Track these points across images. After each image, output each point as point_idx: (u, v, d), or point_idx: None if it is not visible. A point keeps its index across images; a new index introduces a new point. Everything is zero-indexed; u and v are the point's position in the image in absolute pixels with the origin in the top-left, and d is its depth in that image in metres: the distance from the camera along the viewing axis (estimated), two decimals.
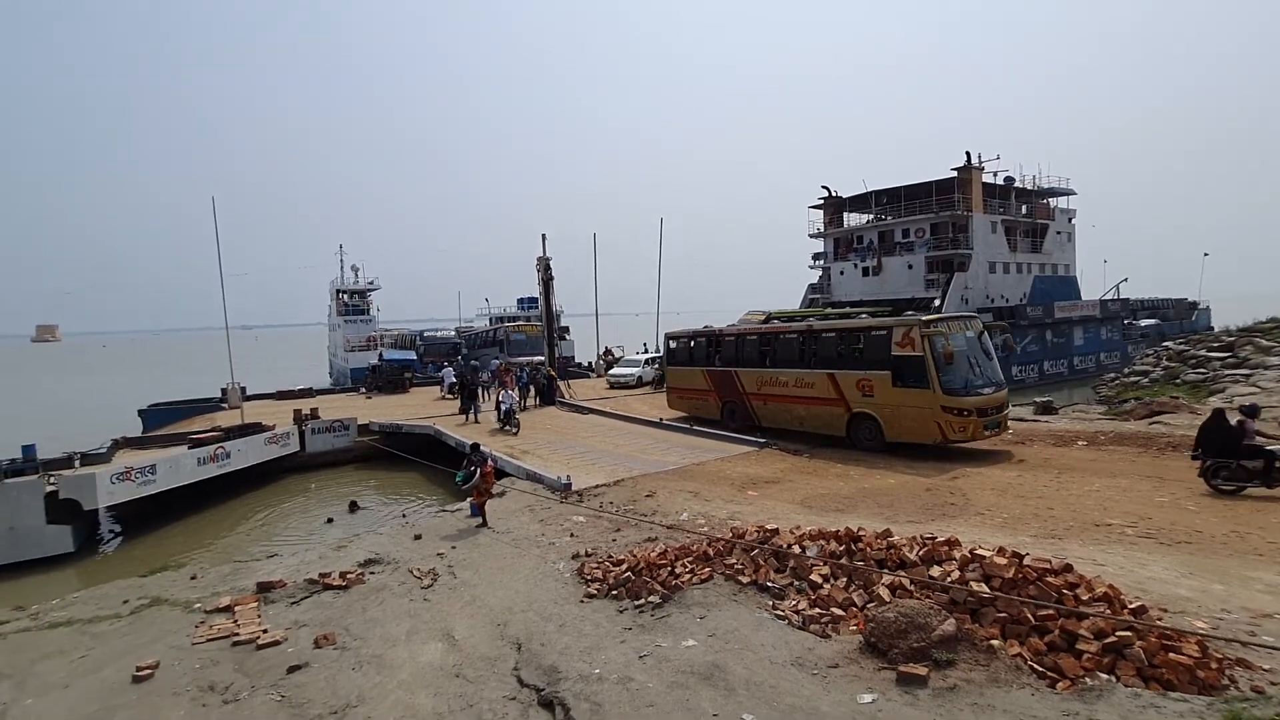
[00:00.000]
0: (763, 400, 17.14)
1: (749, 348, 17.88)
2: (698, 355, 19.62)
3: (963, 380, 13.59)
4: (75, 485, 12.71)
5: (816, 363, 15.76)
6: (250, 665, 6.32)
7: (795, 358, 16.35)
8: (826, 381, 15.37)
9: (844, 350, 15.34)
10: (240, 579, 8.84)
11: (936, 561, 6.36)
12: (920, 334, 13.50)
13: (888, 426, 14.17)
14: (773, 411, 16.95)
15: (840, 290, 41.99)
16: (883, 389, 14.17)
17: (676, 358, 20.62)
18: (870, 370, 14.49)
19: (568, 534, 9.76)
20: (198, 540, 13.48)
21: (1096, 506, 9.68)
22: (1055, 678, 4.89)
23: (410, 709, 5.38)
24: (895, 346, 13.96)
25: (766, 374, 17.06)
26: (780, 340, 17.16)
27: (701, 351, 19.49)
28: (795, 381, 16.17)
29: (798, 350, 16.38)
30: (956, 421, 13.23)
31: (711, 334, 19.48)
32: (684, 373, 20.09)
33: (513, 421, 18.88)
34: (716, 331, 19.39)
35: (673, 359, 20.81)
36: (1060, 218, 42.92)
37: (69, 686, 6.13)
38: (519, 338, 35.51)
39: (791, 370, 16.30)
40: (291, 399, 26.92)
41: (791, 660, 5.49)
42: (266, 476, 17.79)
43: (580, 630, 6.49)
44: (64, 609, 8.23)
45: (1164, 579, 6.76)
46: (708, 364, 19.04)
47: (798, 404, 16.13)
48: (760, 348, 17.55)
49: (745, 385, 17.62)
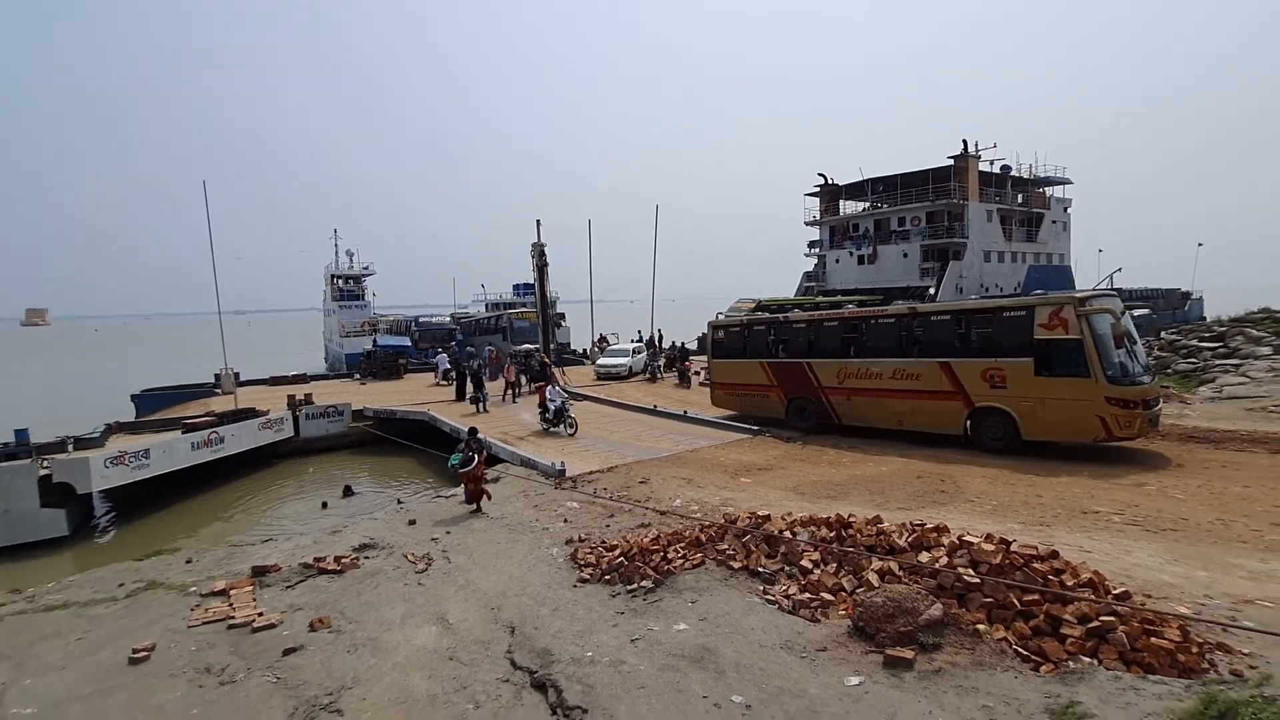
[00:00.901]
0: (845, 395, 14.92)
1: (827, 335, 15.64)
2: (754, 345, 17.20)
3: (1124, 367, 11.75)
4: (69, 469, 12.72)
5: (923, 350, 13.74)
6: (246, 648, 6.38)
7: (893, 346, 14.27)
8: (938, 372, 13.32)
9: (963, 335, 13.26)
10: (235, 563, 8.89)
11: (925, 547, 6.45)
12: (1076, 313, 11.60)
13: (1025, 422, 12.21)
14: (859, 408, 14.78)
15: (836, 278, 42.03)
16: (1020, 379, 12.22)
17: (725, 348, 18.09)
18: (1002, 357, 12.50)
19: (561, 519, 9.83)
20: (192, 524, 13.51)
21: (1084, 494, 9.80)
22: (1039, 661, 4.99)
23: (405, 691, 5.45)
24: (1040, 329, 12.00)
25: (852, 365, 14.81)
26: (873, 326, 14.96)
27: (760, 341, 17.10)
28: (893, 373, 14.03)
29: (897, 337, 14.30)
30: (1123, 415, 11.35)
31: (774, 320, 17.41)
32: (735, 366, 17.55)
33: (566, 420, 16.31)
34: (781, 317, 17.36)
35: (720, 350, 18.23)
36: (1056, 207, 42.98)
37: (66, 668, 6.18)
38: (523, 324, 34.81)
39: (888, 360, 14.17)
40: (285, 384, 26.88)
41: (781, 644, 5.58)
42: (261, 461, 17.81)
43: (573, 614, 6.56)
44: (60, 592, 8.27)
45: (1148, 565, 6.87)
46: (768, 355, 16.71)
47: (896, 399, 14.01)
48: (843, 335, 15.34)
49: (821, 378, 15.37)
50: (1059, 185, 43.17)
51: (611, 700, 4.97)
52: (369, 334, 41.23)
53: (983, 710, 4.45)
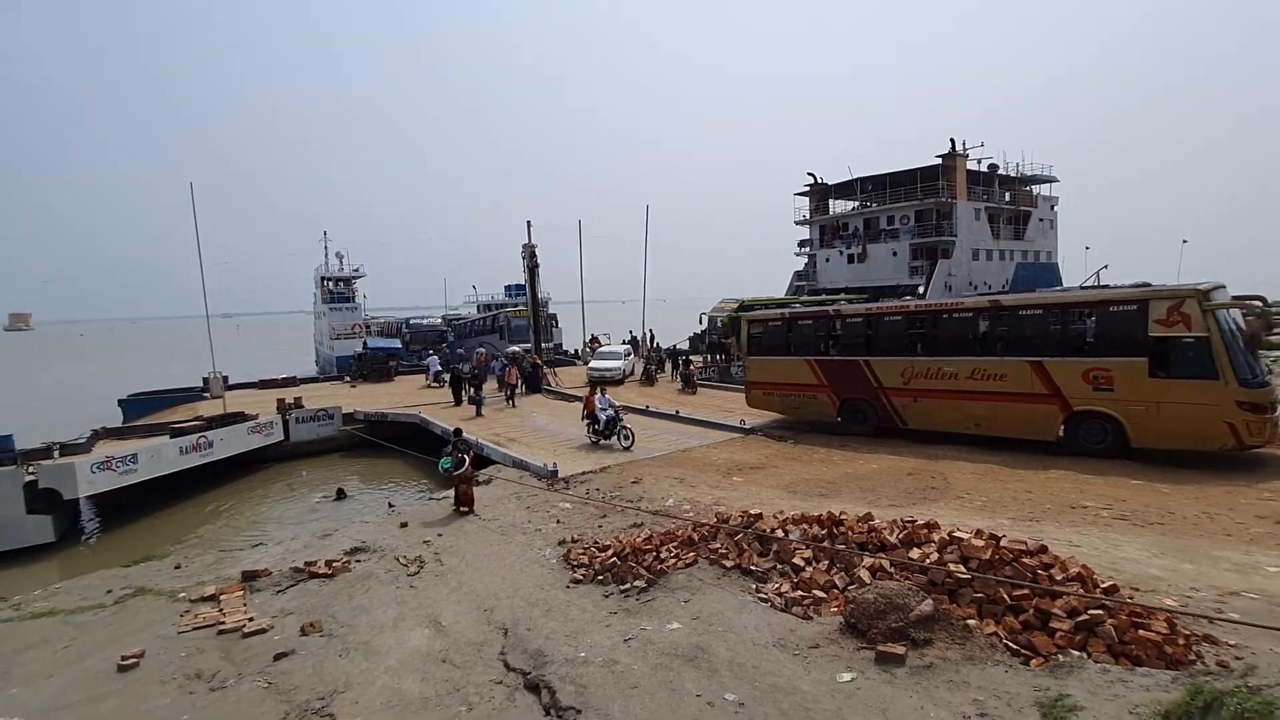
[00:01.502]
0: (911, 397, 13.76)
1: (890, 331, 14.41)
2: (800, 342, 15.83)
3: (1251, 368, 10.76)
4: (55, 474, 12.58)
5: (1009, 348, 12.56)
6: (236, 653, 6.34)
7: (972, 342, 13.08)
8: (1028, 372, 12.13)
9: (1059, 331, 12.12)
10: (225, 568, 8.83)
11: (916, 544, 6.49)
12: (1200, 308, 10.50)
13: (1136, 428, 11.09)
14: (928, 411, 13.62)
15: (826, 277, 42.18)
16: (1130, 380, 11.06)
17: (764, 345, 16.59)
18: (1108, 356, 11.35)
19: (554, 520, 9.81)
20: (181, 530, 13.39)
21: (1073, 489, 9.89)
22: (1029, 655, 5.04)
23: (397, 694, 5.43)
24: (1156, 325, 10.88)
25: (920, 364, 13.62)
26: (947, 320, 13.61)
27: (806, 336, 15.77)
28: (972, 373, 12.79)
29: (976, 333, 13.10)
30: (1254, 421, 10.32)
31: (823, 314, 16.06)
32: (776, 364, 16.14)
33: (620, 432, 14.53)
34: (832, 311, 15.95)
35: (758, 347, 16.73)
36: (1043, 205, 43.32)
37: (53, 676, 6.12)
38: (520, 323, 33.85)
39: (965, 359, 12.98)
40: (275, 388, 26.67)
41: (773, 641, 5.60)
42: (250, 466, 17.68)
43: (566, 615, 6.56)
44: (46, 599, 8.18)
45: (1136, 559, 6.94)
46: (817, 352, 15.44)
47: (975, 401, 12.80)
48: (909, 330, 14.16)
49: (883, 378, 14.17)
50: (1046, 184, 43.53)
51: (605, 700, 4.97)
52: (359, 336, 40.99)
53: (974, 704, 4.48)
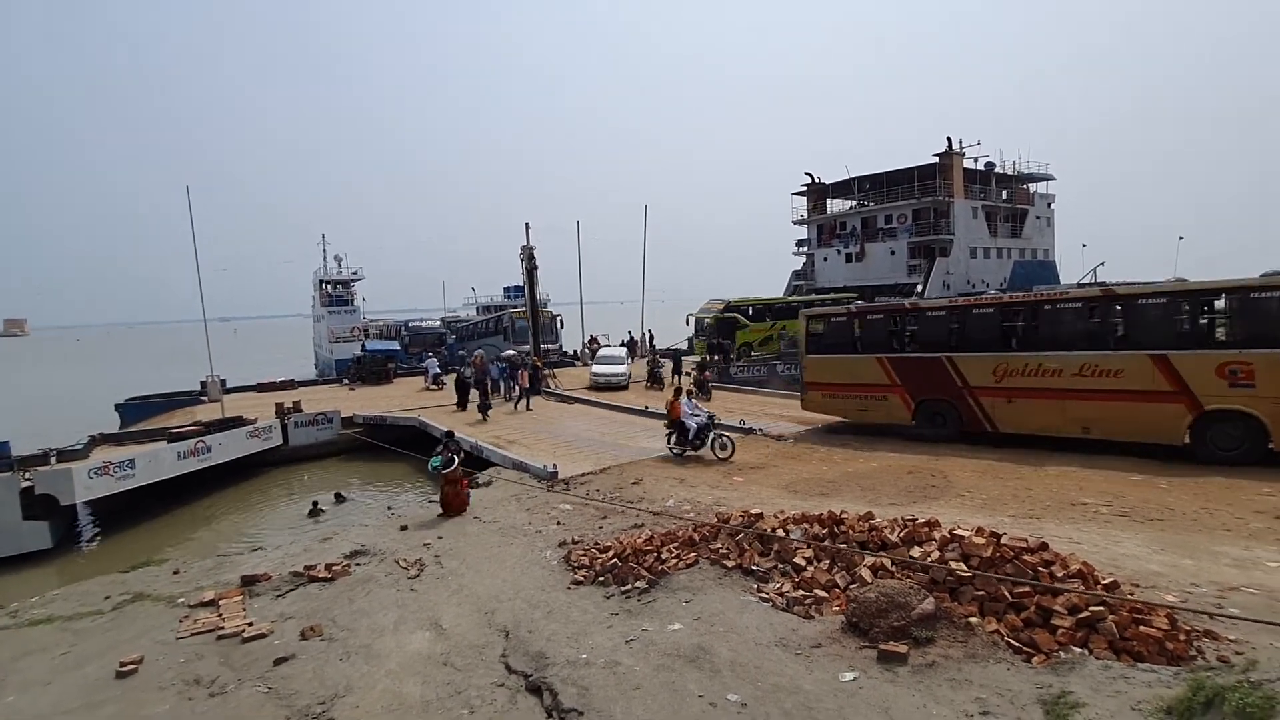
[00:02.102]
0: (1004, 397, 12.64)
1: (978, 325, 13.24)
2: (869, 338, 14.81)
3: None
4: (52, 480, 12.53)
5: (1124, 341, 11.58)
6: (236, 658, 6.31)
7: (1080, 336, 11.96)
8: (1149, 368, 11.04)
9: (1188, 322, 11.07)
10: (224, 573, 8.79)
11: (917, 542, 6.48)
12: None
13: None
14: (1024, 412, 12.47)
15: (824, 276, 42.25)
16: (1276, 376, 10.06)
17: (825, 343, 15.54)
18: (1247, 349, 10.33)
19: (554, 522, 9.80)
20: (179, 535, 13.35)
21: (1073, 486, 9.89)
22: (1031, 652, 5.03)
23: (398, 697, 5.41)
24: None
25: (1015, 360, 12.50)
26: (1050, 313, 12.55)
27: (876, 333, 14.72)
28: (1080, 369, 11.68)
29: (1085, 325, 12.02)
30: None
31: (898, 308, 15.02)
32: (840, 363, 15.08)
33: (717, 440, 12.99)
34: (909, 304, 15.00)
35: (817, 344, 15.63)
36: (1040, 203, 43.44)
37: (51, 683, 6.09)
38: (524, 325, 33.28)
39: (1072, 354, 11.84)
40: (273, 391, 26.62)
41: (775, 641, 5.58)
42: (249, 470, 17.63)
43: (567, 616, 6.54)
44: (44, 606, 8.14)
45: (1136, 555, 6.94)
46: (888, 349, 14.44)
47: (1083, 400, 11.68)
48: (1003, 324, 13.00)
49: (969, 377, 13.08)
50: (1042, 181, 43.65)
51: (607, 702, 4.95)
52: (358, 339, 40.96)
53: (976, 702, 4.47)
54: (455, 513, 10.55)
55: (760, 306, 32.76)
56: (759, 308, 32.62)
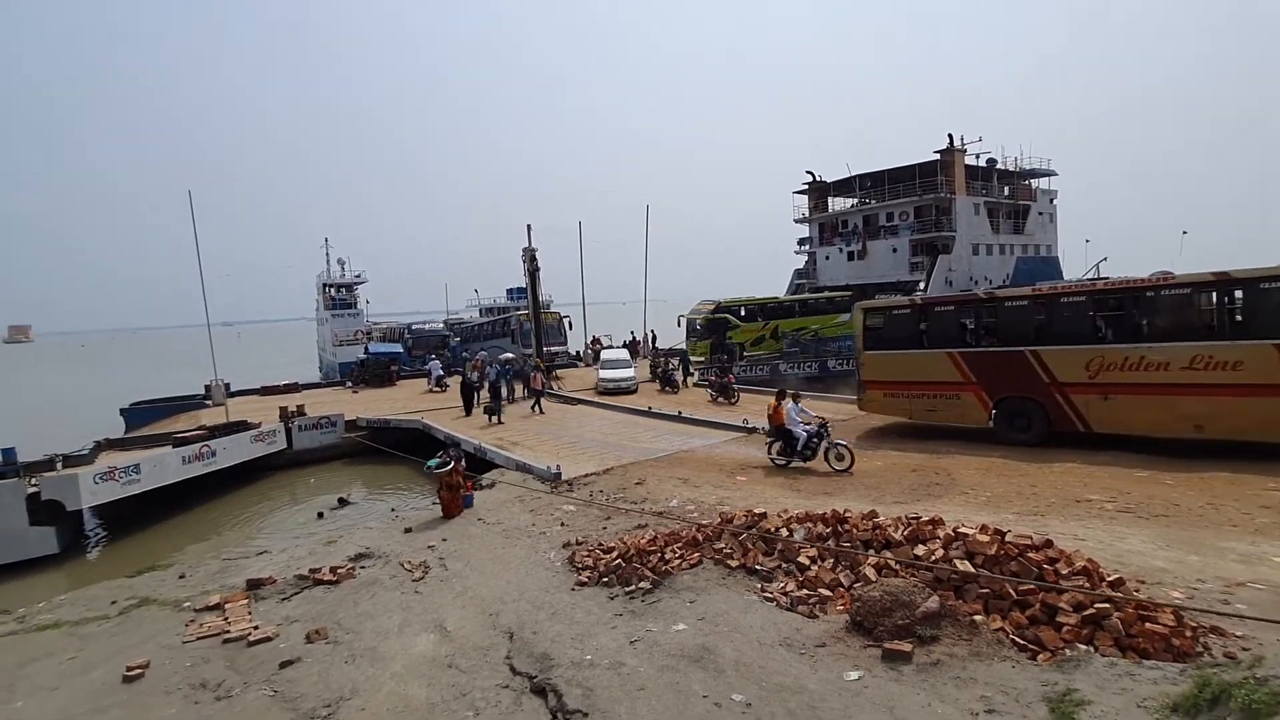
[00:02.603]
0: (1100, 394, 11.70)
1: (1067, 315, 12.27)
2: (936, 332, 13.88)
3: None
4: (58, 486, 12.57)
5: (1244, 330, 10.55)
6: (242, 662, 6.33)
7: (1190, 326, 11.04)
8: (1275, 359, 10.10)
9: None
10: (229, 576, 8.81)
11: (921, 541, 6.47)
12: None
13: None
14: (1125, 410, 11.48)
15: (826, 275, 42.17)
16: None
17: (885, 338, 14.64)
18: None
19: (558, 523, 9.80)
20: (185, 539, 13.38)
21: (1078, 483, 9.86)
22: (1036, 650, 5.02)
23: (404, 700, 5.42)
24: None
25: (1114, 353, 11.55)
26: (1151, 301, 11.57)
27: (945, 326, 13.79)
28: (1190, 361, 10.75)
29: (1196, 314, 11.11)
30: None
31: (971, 299, 14.15)
32: (904, 360, 14.16)
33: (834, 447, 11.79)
34: (984, 294, 14.06)
35: (877, 340, 14.76)
36: (1042, 198, 43.29)
37: (58, 688, 6.11)
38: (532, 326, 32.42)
39: (1181, 344, 10.91)
40: (277, 394, 26.70)
41: (780, 641, 5.58)
42: (253, 474, 17.67)
43: (572, 618, 6.55)
44: (51, 611, 8.17)
45: (1141, 551, 6.92)
46: (960, 344, 13.52)
47: (1194, 397, 10.74)
48: (1096, 313, 12.05)
49: (1057, 372, 12.17)
50: (1044, 177, 43.50)
51: (612, 703, 4.96)
52: (361, 342, 41.04)
53: (981, 701, 4.46)
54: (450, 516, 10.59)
55: (752, 307, 32.76)
56: (750, 308, 32.62)
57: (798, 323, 32.82)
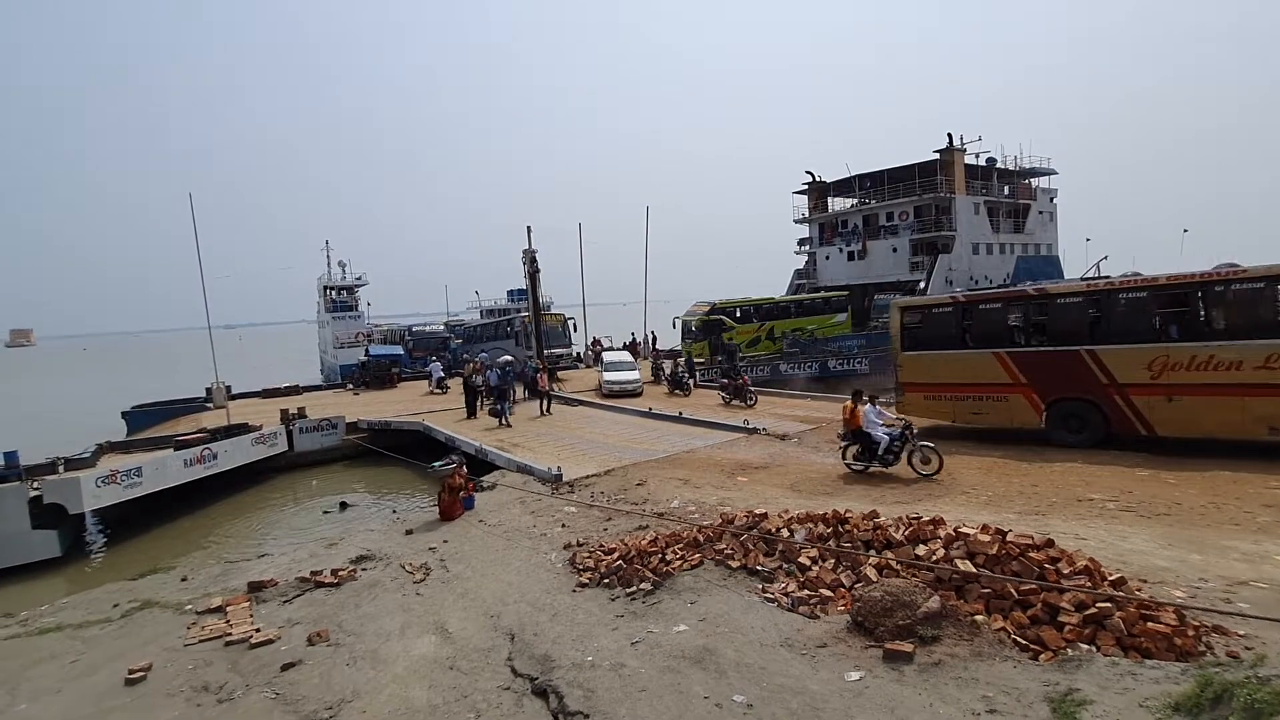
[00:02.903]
0: (1164, 394, 11.03)
1: (1126, 311, 11.57)
2: (981, 331, 13.15)
3: None
4: (60, 489, 12.59)
5: None
6: (244, 664, 6.34)
7: (1262, 322, 10.26)
8: None
9: None
10: (231, 579, 8.83)
11: (922, 541, 6.47)
12: None
13: None
14: (1193, 412, 10.81)
15: (826, 275, 42.17)
16: None
17: (925, 337, 13.93)
18: None
19: (559, 525, 9.80)
20: (187, 542, 13.40)
21: (1079, 482, 9.85)
22: (1038, 650, 5.01)
23: (405, 702, 5.42)
24: None
25: (1180, 351, 10.87)
26: (1221, 295, 10.84)
27: (990, 325, 13.06)
28: (1266, 360, 10.07)
29: (1268, 309, 10.27)
30: None
31: (1019, 294, 13.28)
32: (945, 361, 13.46)
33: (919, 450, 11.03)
34: (1033, 290, 13.25)
35: (916, 340, 14.04)
36: (1042, 197, 43.25)
37: (61, 691, 6.12)
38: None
39: (1253, 344, 10.22)
40: (278, 397, 26.74)
41: (781, 641, 5.58)
42: (255, 477, 17.69)
43: (573, 619, 6.55)
44: (53, 614, 8.18)
45: (1143, 550, 6.91)
46: (1008, 343, 12.87)
47: (1269, 397, 10.12)
48: (1158, 310, 11.42)
49: (1117, 372, 11.48)
50: (1044, 176, 43.47)
51: (613, 704, 4.95)
52: (362, 344, 41.07)
53: (983, 701, 4.46)
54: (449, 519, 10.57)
55: (747, 308, 32.75)
56: (745, 309, 32.60)
57: (793, 323, 32.83)
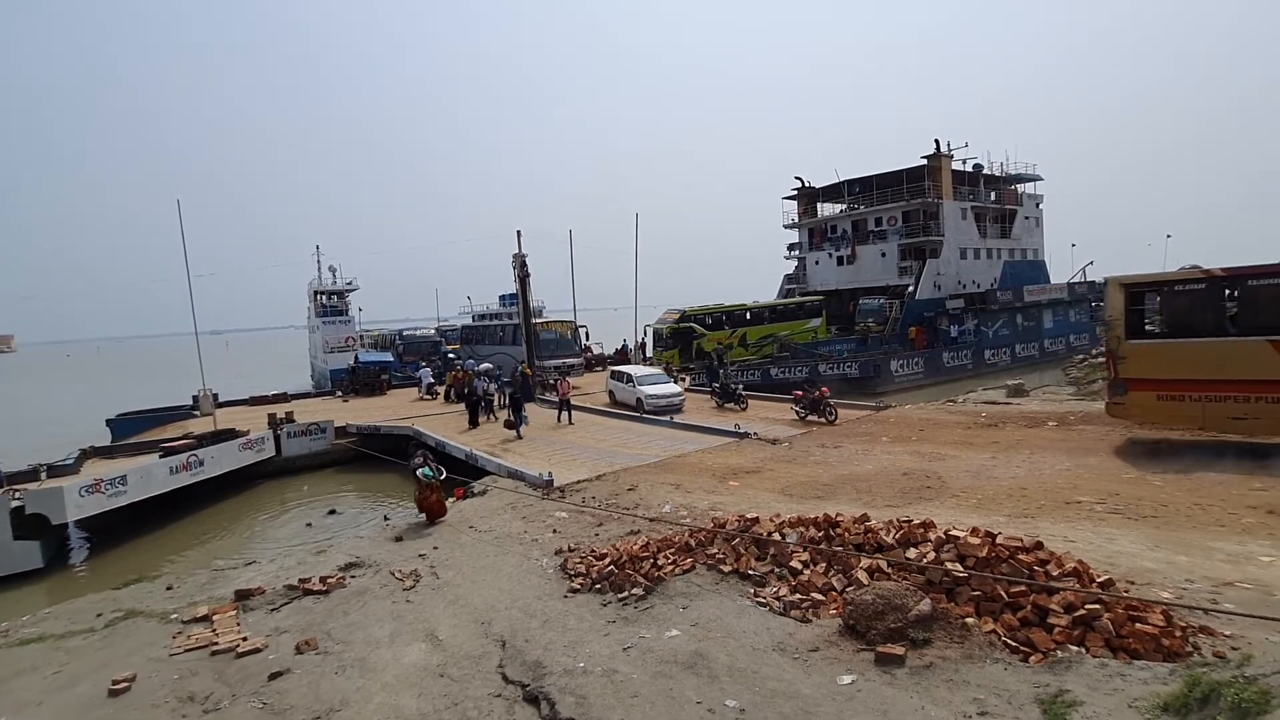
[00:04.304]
0: None
1: None
2: (1254, 316, 10.35)
3: None
4: (42, 500, 12.39)
5: None
6: (230, 674, 6.25)
7: None
8: None
9: None
10: (218, 587, 8.72)
11: (913, 544, 6.49)
12: None
13: None
14: None
15: (816, 279, 42.34)
16: None
17: (1162, 322, 11.69)
18: None
19: (550, 530, 9.76)
20: (173, 550, 13.23)
21: (1067, 485, 9.92)
22: (1028, 651, 5.04)
23: (395, 710, 5.37)
24: None
25: None
26: None
27: (1267, 306, 10.23)
28: None
29: None
30: None
31: None
32: (1193, 352, 10.78)
33: None
34: None
35: (1137, 329, 11.59)
36: (1028, 203, 43.68)
37: (43, 703, 6.01)
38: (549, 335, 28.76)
39: None
40: (266, 404, 26.46)
41: (773, 646, 5.57)
42: (242, 483, 17.51)
43: (564, 625, 6.51)
44: (35, 625, 8.04)
45: (1131, 552, 6.97)
46: None
47: None
48: None
49: None
50: (1030, 182, 43.91)
51: (605, 710, 4.93)
52: (353, 349, 40.77)
53: (974, 703, 4.47)
54: (438, 517, 10.60)
55: (718, 314, 32.64)
56: (716, 315, 32.47)
57: (766, 329, 32.80)
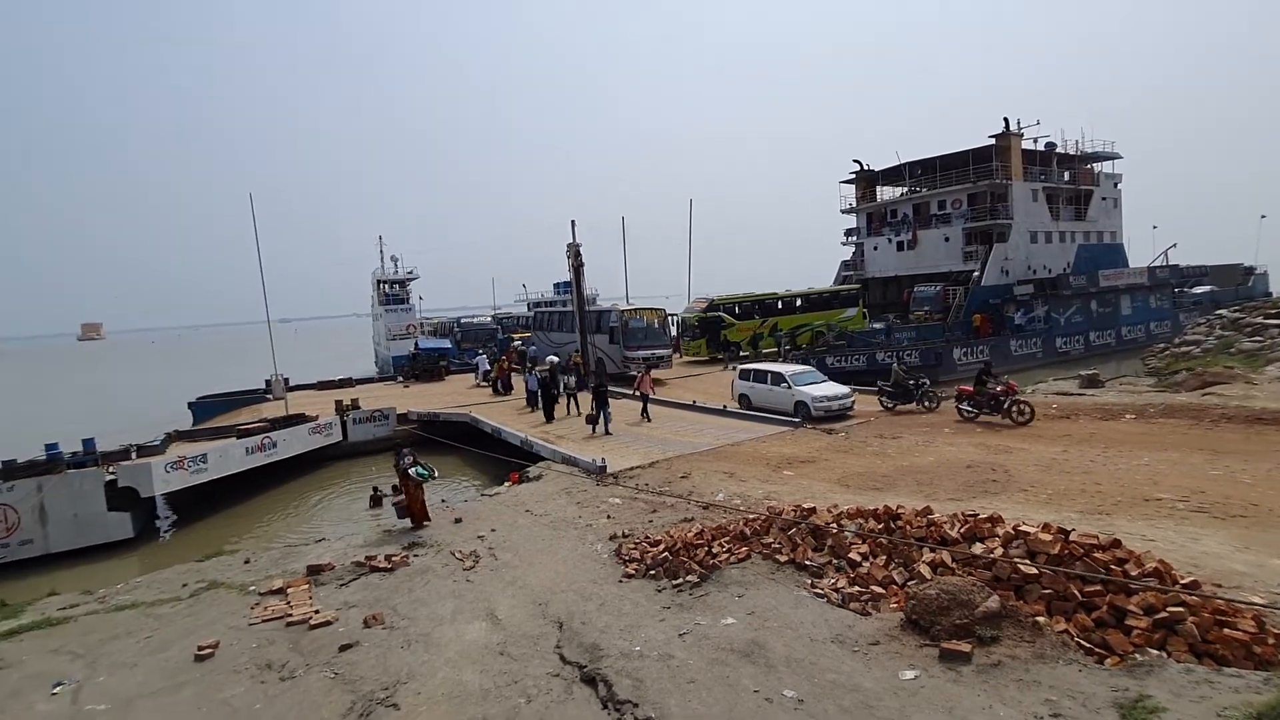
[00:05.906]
0: None
1: None
2: None
3: None
4: (133, 474, 13.31)
5: None
6: (304, 644, 6.58)
7: None
8: None
9: None
10: (290, 562, 9.17)
11: (978, 538, 6.28)
12: None
13: None
14: None
15: (875, 266, 41.15)
16: None
17: None
18: None
19: (604, 516, 9.86)
20: (249, 526, 13.99)
21: (1146, 481, 9.41)
22: (1103, 654, 4.81)
23: (458, 685, 5.54)
24: None
25: None
26: None
27: None
28: None
29: None
30: None
31: None
32: None
33: None
34: None
35: None
36: (1105, 183, 41.24)
37: (136, 665, 6.46)
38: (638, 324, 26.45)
39: None
40: (332, 389, 27.58)
41: (831, 637, 5.49)
42: (311, 464, 18.34)
43: (620, 609, 6.58)
44: (128, 592, 8.65)
45: (1218, 554, 6.56)
46: None
47: None
48: None
49: None
50: (1108, 160, 41.42)
51: (661, 694, 4.96)
52: (413, 336, 42.05)
53: (1046, 704, 4.30)
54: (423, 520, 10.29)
55: (747, 304, 31.69)
56: (746, 305, 31.54)
57: (799, 319, 31.81)
